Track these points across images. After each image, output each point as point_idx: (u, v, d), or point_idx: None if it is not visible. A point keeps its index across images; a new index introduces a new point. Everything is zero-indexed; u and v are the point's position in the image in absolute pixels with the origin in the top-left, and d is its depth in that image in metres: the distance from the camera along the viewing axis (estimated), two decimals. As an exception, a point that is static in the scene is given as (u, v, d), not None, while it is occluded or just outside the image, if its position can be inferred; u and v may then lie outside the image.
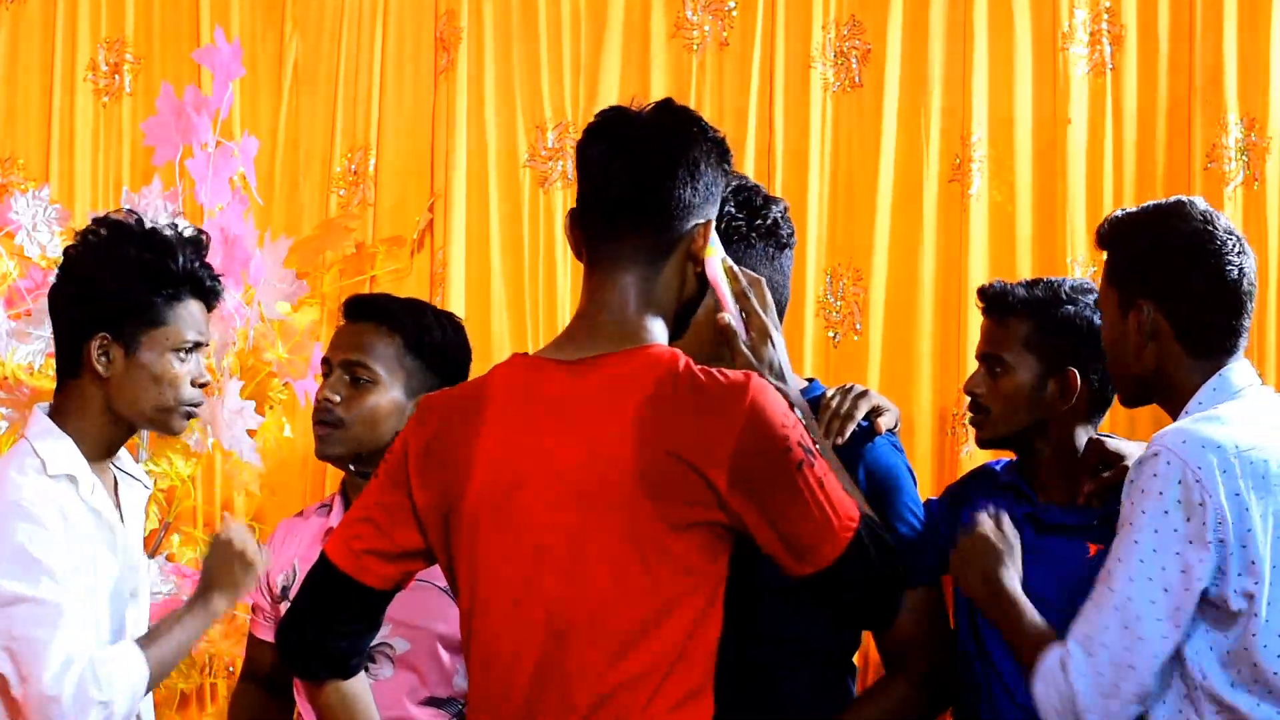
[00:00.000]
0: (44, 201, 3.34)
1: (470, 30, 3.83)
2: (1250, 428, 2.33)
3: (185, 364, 2.50)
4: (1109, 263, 2.50)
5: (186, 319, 2.50)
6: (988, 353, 2.76)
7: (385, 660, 2.71)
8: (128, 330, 2.46)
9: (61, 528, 2.38)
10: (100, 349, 2.46)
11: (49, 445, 2.46)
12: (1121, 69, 3.81)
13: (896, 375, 3.74)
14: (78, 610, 2.35)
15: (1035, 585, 2.70)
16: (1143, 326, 2.43)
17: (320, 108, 3.87)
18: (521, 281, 3.79)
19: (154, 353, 2.47)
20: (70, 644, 2.31)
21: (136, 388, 2.48)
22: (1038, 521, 2.74)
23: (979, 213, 3.78)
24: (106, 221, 2.52)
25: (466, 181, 3.81)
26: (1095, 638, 2.30)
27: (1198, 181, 3.75)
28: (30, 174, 3.83)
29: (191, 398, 2.52)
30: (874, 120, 3.81)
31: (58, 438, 2.47)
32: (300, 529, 2.86)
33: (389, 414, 2.72)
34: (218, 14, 3.83)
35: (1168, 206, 2.50)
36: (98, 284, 2.48)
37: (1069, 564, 2.69)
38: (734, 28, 3.84)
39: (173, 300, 2.48)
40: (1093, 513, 2.72)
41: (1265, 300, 3.73)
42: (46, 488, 2.41)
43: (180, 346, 2.49)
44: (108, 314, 2.46)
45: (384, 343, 2.74)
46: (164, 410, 2.50)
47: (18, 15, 3.87)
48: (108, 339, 2.46)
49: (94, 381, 2.48)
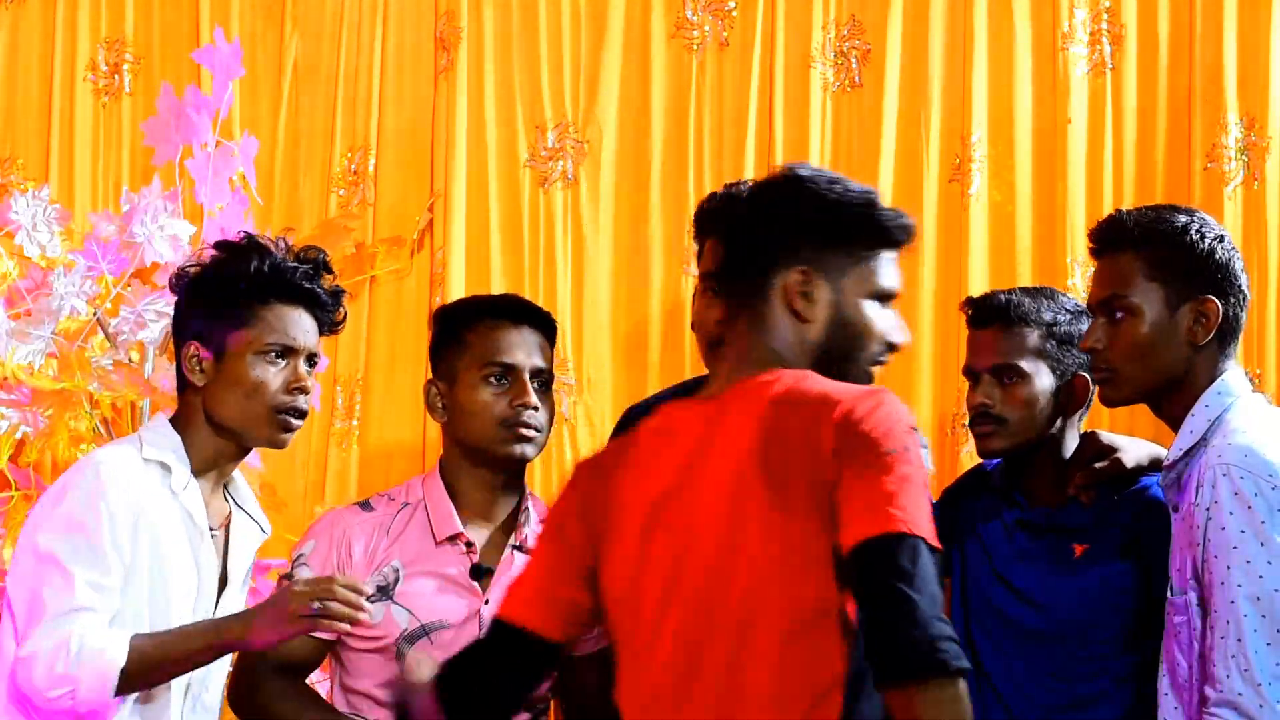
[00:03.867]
0: (44, 201, 3.34)
1: (470, 30, 3.83)
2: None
3: (275, 369, 2.45)
4: (1149, 260, 2.47)
5: (273, 322, 2.46)
6: (999, 364, 2.73)
7: None
8: (214, 336, 2.45)
9: (127, 519, 2.35)
10: (192, 357, 2.45)
11: (153, 434, 2.46)
12: (1121, 69, 3.81)
13: (896, 376, 3.72)
14: (97, 599, 2.31)
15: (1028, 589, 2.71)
16: (1199, 322, 2.44)
17: (320, 108, 3.87)
18: (521, 281, 3.79)
19: (240, 358, 2.44)
20: (72, 620, 2.28)
21: (227, 394, 2.45)
22: (1030, 525, 2.75)
23: (979, 213, 3.77)
24: (218, 243, 2.56)
25: (466, 181, 3.81)
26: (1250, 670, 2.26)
27: (1197, 181, 3.75)
28: (30, 174, 3.83)
29: (283, 404, 2.46)
30: (874, 120, 3.80)
31: (166, 432, 2.47)
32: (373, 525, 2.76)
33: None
34: (218, 14, 3.82)
35: (1183, 208, 2.52)
36: (190, 296, 2.50)
37: (1060, 566, 2.70)
38: (734, 28, 3.84)
39: (256, 303, 2.45)
40: (1083, 514, 2.72)
41: (1265, 300, 3.73)
42: (134, 472, 2.39)
43: (266, 350, 2.45)
44: (195, 321, 2.47)
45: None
46: (255, 419, 2.45)
47: (18, 15, 3.87)
48: (198, 346, 2.45)
49: (195, 392, 2.47)
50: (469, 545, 2.74)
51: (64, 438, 3.23)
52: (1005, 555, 2.74)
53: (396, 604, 2.66)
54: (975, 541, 2.78)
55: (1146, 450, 2.76)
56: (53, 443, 3.23)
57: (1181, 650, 2.38)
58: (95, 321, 3.28)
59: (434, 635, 2.67)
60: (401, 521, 2.76)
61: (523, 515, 2.80)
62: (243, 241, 2.53)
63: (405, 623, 2.67)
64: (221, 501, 2.53)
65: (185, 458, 2.45)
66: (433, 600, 2.69)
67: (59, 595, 2.30)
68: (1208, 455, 2.35)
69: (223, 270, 2.49)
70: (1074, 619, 2.68)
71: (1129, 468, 2.72)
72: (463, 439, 2.76)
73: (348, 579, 2.41)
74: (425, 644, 2.65)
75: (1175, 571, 2.40)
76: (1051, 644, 2.66)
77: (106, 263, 3.27)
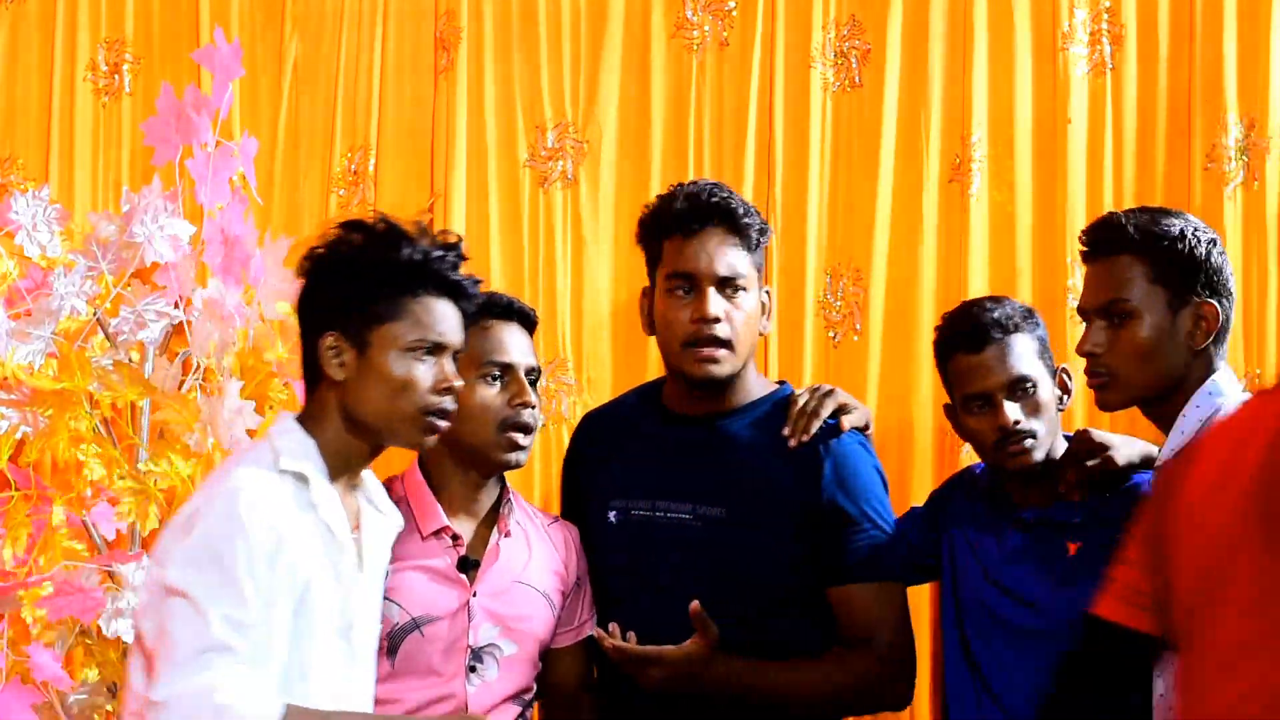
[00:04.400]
0: (44, 201, 3.34)
1: (470, 30, 3.83)
2: None
3: (423, 366, 2.29)
4: (1150, 263, 2.47)
5: (422, 316, 2.30)
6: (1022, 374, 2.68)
7: (492, 661, 2.73)
8: (357, 328, 2.29)
9: (265, 549, 2.16)
10: (332, 349, 2.29)
11: (288, 440, 2.29)
12: (1121, 69, 3.81)
13: (896, 375, 3.74)
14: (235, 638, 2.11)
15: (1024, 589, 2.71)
16: (1199, 325, 2.45)
17: (320, 108, 3.87)
18: (521, 281, 3.79)
19: (386, 353, 2.28)
20: (209, 662, 2.09)
21: (370, 391, 2.28)
22: (1021, 523, 2.75)
23: (979, 213, 3.78)
24: (346, 222, 2.36)
25: (466, 181, 3.81)
26: None
27: (1197, 181, 3.76)
28: (30, 174, 3.83)
29: (430, 405, 2.30)
30: (874, 120, 3.80)
31: (300, 436, 2.30)
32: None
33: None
34: (218, 14, 3.82)
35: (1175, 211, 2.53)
36: (326, 280, 2.32)
37: (1055, 564, 2.70)
38: (734, 28, 3.84)
39: (404, 295, 2.29)
40: (1073, 510, 2.72)
41: (1265, 300, 3.74)
42: (271, 493, 2.21)
43: (414, 346, 2.29)
44: (336, 311, 2.30)
45: None
46: (400, 419, 2.29)
47: (17, 15, 3.87)
48: (339, 338, 2.29)
49: (331, 387, 2.31)
50: (455, 538, 2.75)
51: (64, 438, 3.23)
52: (997, 556, 2.74)
53: (388, 599, 2.66)
54: (966, 543, 2.77)
55: (1139, 448, 2.76)
56: (53, 443, 3.22)
57: None
58: (95, 321, 3.28)
59: (425, 628, 2.69)
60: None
61: (505, 506, 2.82)
62: (385, 225, 2.35)
63: (397, 617, 2.68)
64: (352, 500, 2.38)
65: (322, 464, 2.29)
66: (422, 594, 2.71)
67: (192, 632, 2.10)
68: None
69: (367, 255, 2.31)
70: (1070, 618, 2.68)
71: (1120, 465, 2.72)
72: (457, 441, 2.72)
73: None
74: (416, 636, 2.67)
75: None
76: (1047, 643, 2.66)
77: (106, 263, 3.27)
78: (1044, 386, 2.73)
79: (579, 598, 2.87)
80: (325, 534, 2.28)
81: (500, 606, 2.74)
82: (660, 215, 2.82)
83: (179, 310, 3.30)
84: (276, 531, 2.19)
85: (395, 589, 2.68)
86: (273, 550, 2.17)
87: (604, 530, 2.88)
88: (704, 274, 2.73)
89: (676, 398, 2.89)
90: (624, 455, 2.91)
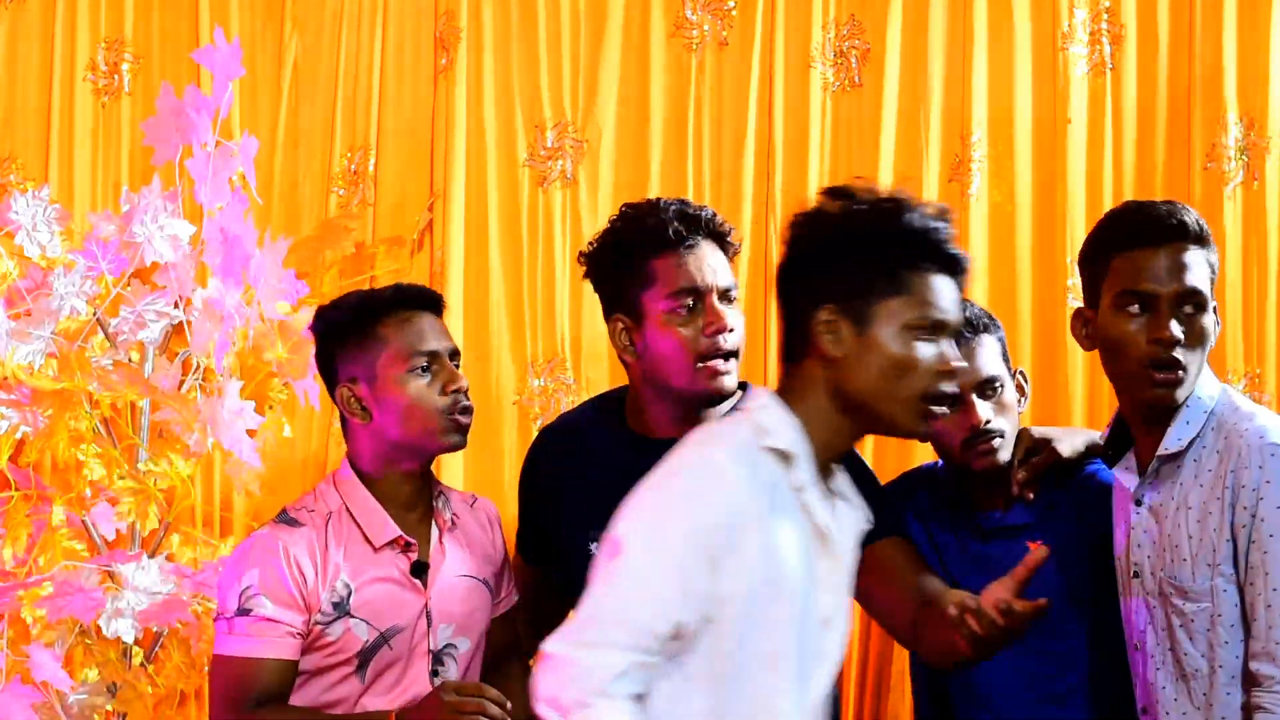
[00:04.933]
0: (43, 201, 3.33)
1: (470, 30, 3.83)
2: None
3: (926, 346, 2.11)
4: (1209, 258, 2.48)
5: (924, 291, 2.10)
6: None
7: (452, 662, 2.72)
8: (857, 301, 2.11)
9: (726, 544, 2.04)
10: (827, 323, 2.12)
11: (770, 414, 2.13)
12: (1121, 69, 3.81)
13: (896, 375, 3.73)
14: (653, 641, 2.03)
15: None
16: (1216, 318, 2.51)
17: (320, 108, 3.87)
18: (520, 281, 3.79)
19: (888, 329, 2.10)
20: (614, 655, 2.03)
21: (867, 371, 2.10)
22: (979, 529, 2.75)
23: (979, 213, 3.78)
24: (836, 190, 2.18)
25: (466, 181, 3.81)
26: None
27: (1197, 181, 3.76)
28: (30, 174, 3.83)
29: (931, 389, 2.11)
30: (874, 120, 3.81)
31: (783, 413, 2.13)
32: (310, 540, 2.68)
33: None
34: (217, 14, 3.82)
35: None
36: (825, 249, 2.14)
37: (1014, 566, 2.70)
38: (734, 27, 3.84)
39: (910, 268, 2.11)
40: (1029, 511, 2.72)
41: (1265, 300, 3.74)
42: (752, 473, 2.08)
43: (919, 324, 2.10)
44: (834, 282, 2.12)
45: None
46: (898, 401, 2.11)
47: (17, 15, 3.87)
48: (835, 310, 2.11)
49: (820, 363, 2.12)
50: (408, 545, 2.70)
51: (64, 438, 3.23)
52: (962, 565, 2.74)
53: (355, 618, 2.64)
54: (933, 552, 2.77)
55: (1082, 438, 2.77)
56: (53, 443, 3.22)
57: (1192, 639, 2.39)
58: (95, 321, 3.28)
59: (392, 640, 2.66)
60: (336, 531, 2.69)
61: (439, 500, 2.78)
62: (889, 197, 2.16)
63: (365, 634, 2.65)
64: (829, 492, 2.19)
65: (808, 445, 2.13)
66: (385, 607, 2.67)
67: (616, 606, 2.05)
68: (1231, 439, 2.38)
69: (872, 224, 2.13)
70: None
71: (1067, 456, 2.72)
72: (398, 438, 2.68)
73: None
74: (385, 650, 2.65)
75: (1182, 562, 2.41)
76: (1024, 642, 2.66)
77: (106, 263, 3.27)
78: (1009, 388, 2.74)
79: (505, 573, 2.86)
80: (804, 524, 2.13)
81: (452, 605, 2.72)
82: (645, 234, 2.71)
83: (179, 310, 3.29)
84: (750, 518, 2.07)
85: (359, 606, 2.64)
86: (734, 542, 2.06)
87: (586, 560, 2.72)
88: (708, 287, 2.69)
89: (655, 422, 2.75)
90: (594, 483, 2.70)
